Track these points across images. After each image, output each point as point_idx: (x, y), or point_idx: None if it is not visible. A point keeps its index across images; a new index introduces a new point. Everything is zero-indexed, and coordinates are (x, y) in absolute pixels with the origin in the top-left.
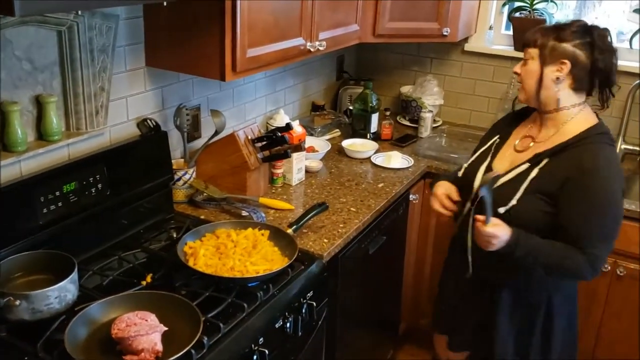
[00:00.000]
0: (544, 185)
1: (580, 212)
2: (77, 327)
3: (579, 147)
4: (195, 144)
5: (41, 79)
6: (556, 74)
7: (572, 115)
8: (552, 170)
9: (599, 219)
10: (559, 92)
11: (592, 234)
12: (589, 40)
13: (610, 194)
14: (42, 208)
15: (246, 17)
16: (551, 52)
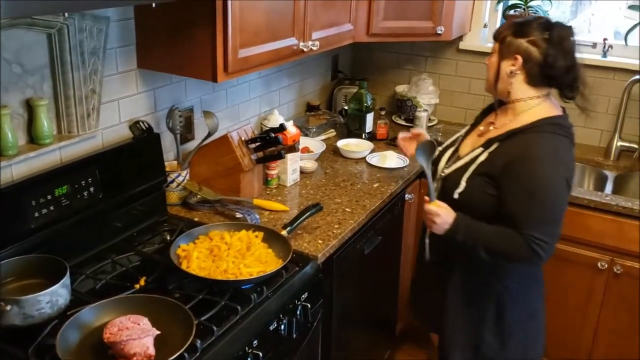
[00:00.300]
0: (489, 168)
1: (516, 196)
2: (69, 331)
3: (527, 134)
4: (189, 146)
5: (31, 82)
6: (510, 67)
7: (531, 106)
8: (498, 154)
9: (535, 203)
10: (511, 85)
11: (529, 217)
12: (546, 37)
13: (546, 180)
14: (33, 212)
15: (237, 18)
16: (508, 47)
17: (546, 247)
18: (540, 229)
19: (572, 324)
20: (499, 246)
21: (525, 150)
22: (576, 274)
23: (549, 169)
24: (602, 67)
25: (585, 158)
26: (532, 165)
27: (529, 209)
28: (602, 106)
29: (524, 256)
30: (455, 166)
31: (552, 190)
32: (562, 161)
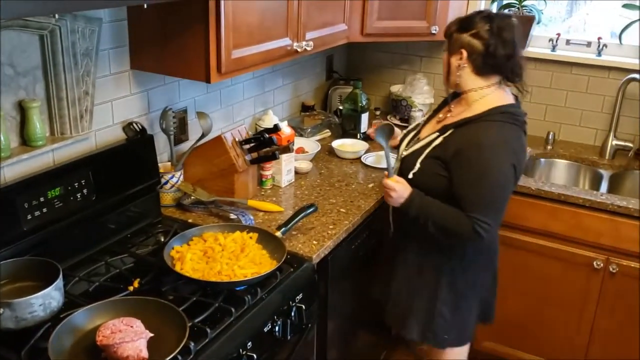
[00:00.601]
0: (441, 152)
1: (465, 180)
2: (62, 335)
3: (478, 122)
4: (183, 147)
5: (24, 84)
6: (458, 61)
7: (482, 95)
8: (451, 139)
9: (482, 188)
10: (460, 77)
11: (475, 199)
12: (486, 29)
13: (494, 167)
14: (26, 214)
15: (230, 18)
16: (454, 43)
17: (488, 229)
18: (485, 212)
19: (568, 323)
20: (446, 223)
21: (475, 138)
22: (572, 274)
23: (497, 156)
24: (596, 66)
25: (580, 157)
26: (481, 152)
27: (475, 193)
28: (596, 105)
29: (466, 236)
30: (413, 148)
31: (498, 177)
32: (510, 149)
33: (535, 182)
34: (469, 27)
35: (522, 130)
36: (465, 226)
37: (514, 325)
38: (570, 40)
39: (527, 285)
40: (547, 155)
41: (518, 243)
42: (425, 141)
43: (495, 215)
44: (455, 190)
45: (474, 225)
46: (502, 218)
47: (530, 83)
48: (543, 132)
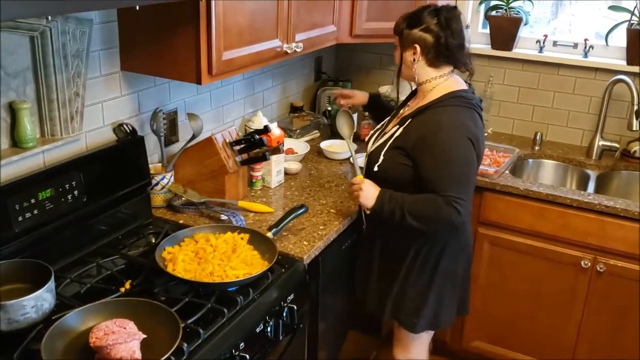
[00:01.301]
0: (402, 141)
1: (431, 163)
2: (54, 336)
3: (434, 109)
4: (173, 148)
5: (14, 85)
6: (412, 56)
7: (435, 85)
8: (410, 129)
9: (448, 166)
10: (415, 71)
11: (444, 179)
12: (435, 22)
13: (454, 145)
14: (17, 216)
15: (221, 20)
16: (405, 39)
17: (463, 203)
18: (456, 188)
19: (556, 323)
20: (423, 210)
21: (432, 122)
22: (560, 273)
23: (455, 134)
24: (583, 67)
25: (568, 157)
26: (440, 134)
27: (443, 173)
28: (583, 106)
29: (445, 215)
30: (377, 143)
31: (460, 153)
32: (465, 126)
33: (524, 182)
34: (418, 22)
35: (476, 112)
36: (442, 206)
37: (502, 324)
38: (557, 42)
39: (515, 285)
40: (535, 156)
41: (506, 243)
42: (387, 135)
43: (465, 189)
44: (423, 175)
45: (450, 202)
46: (472, 192)
47: (517, 84)
48: (530, 132)
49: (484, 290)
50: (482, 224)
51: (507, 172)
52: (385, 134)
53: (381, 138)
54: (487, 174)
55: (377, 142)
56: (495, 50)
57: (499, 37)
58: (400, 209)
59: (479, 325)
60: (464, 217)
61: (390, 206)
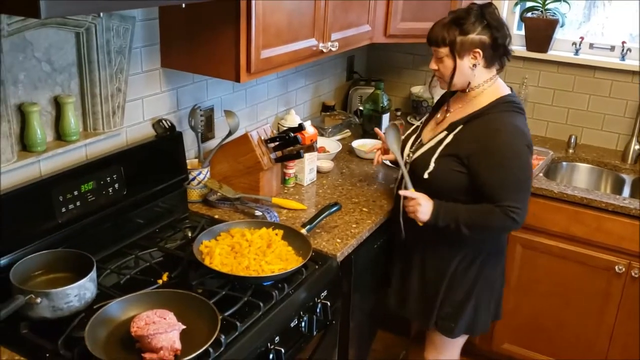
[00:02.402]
0: (455, 148)
1: (490, 170)
2: (97, 325)
3: (488, 115)
4: (209, 145)
5: (60, 80)
6: (472, 61)
7: (483, 89)
8: (463, 135)
9: (506, 173)
10: (473, 77)
11: (503, 187)
12: (486, 23)
13: (514, 152)
14: (60, 207)
15: (261, 19)
16: (462, 47)
17: (520, 212)
18: (514, 197)
19: (587, 328)
20: (479, 221)
21: (491, 130)
22: (593, 277)
23: (514, 141)
24: (620, 70)
25: (603, 161)
26: (499, 141)
27: (503, 181)
28: (619, 109)
29: (502, 225)
30: (422, 150)
31: (520, 160)
32: (522, 132)
33: (558, 185)
34: (470, 28)
35: (524, 116)
36: (499, 216)
37: (533, 327)
38: (593, 44)
39: (547, 288)
40: (569, 159)
41: (539, 246)
42: (434, 141)
43: (524, 197)
44: (481, 183)
45: (507, 213)
46: (529, 199)
47: (552, 86)
48: (564, 135)
49: (514, 293)
50: None
51: (541, 175)
52: (429, 141)
53: (424, 146)
54: None
55: (419, 149)
56: (530, 51)
57: (535, 38)
58: (455, 222)
59: (509, 328)
60: (520, 225)
61: (445, 220)
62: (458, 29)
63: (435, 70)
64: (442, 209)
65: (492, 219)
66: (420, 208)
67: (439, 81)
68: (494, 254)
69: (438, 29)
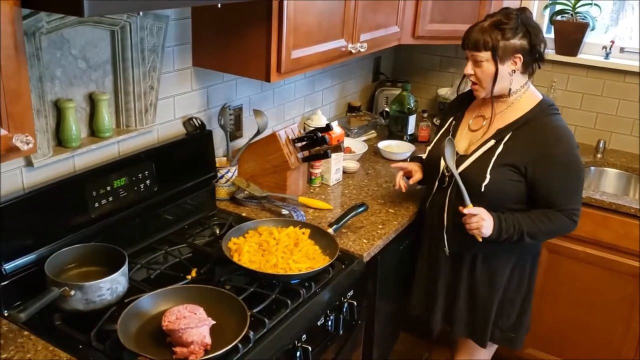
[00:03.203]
0: (509, 157)
1: (551, 177)
2: (129, 318)
3: (537, 120)
4: (237, 143)
5: (94, 77)
6: (512, 67)
7: (520, 94)
8: (515, 143)
9: (570, 178)
10: (512, 82)
11: (567, 192)
12: (525, 29)
13: (572, 155)
14: (93, 202)
15: (292, 19)
16: (504, 52)
17: (579, 214)
18: (575, 198)
19: (613, 334)
20: (544, 228)
21: (547, 135)
22: (619, 283)
23: (571, 145)
24: None
25: (631, 167)
26: (559, 147)
27: (567, 186)
28: None
29: (566, 229)
30: (470, 161)
31: (578, 164)
32: (571, 133)
33: (585, 190)
34: (512, 33)
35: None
36: (564, 221)
37: (557, 333)
38: (624, 48)
39: (572, 293)
40: (597, 164)
41: (565, 251)
42: (481, 151)
43: (581, 199)
44: (542, 189)
45: (571, 217)
46: None
47: (580, 90)
48: (592, 140)
49: (539, 298)
50: None
51: None
52: (475, 152)
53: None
54: None
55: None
56: (560, 55)
57: (564, 42)
58: (519, 233)
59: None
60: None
61: (508, 232)
62: (500, 33)
63: (470, 75)
64: (503, 222)
65: (557, 224)
66: (485, 223)
67: (474, 88)
68: (537, 254)
69: (478, 33)
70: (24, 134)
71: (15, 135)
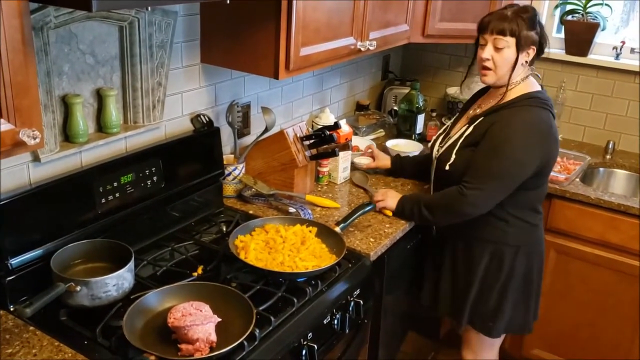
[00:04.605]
0: (473, 138)
1: (481, 151)
2: (135, 314)
3: (508, 109)
4: (244, 140)
5: (102, 73)
6: (525, 58)
7: (514, 85)
8: (481, 125)
9: (486, 157)
10: (519, 72)
11: (474, 167)
12: (539, 25)
13: (512, 141)
14: (100, 198)
15: (301, 16)
16: (525, 41)
17: (474, 192)
18: (482, 180)
19: (621, 336)
20: (436, 201)
21: (504, 119)
22: (628, 285)
23: (520, 134)
24: None
25: None
26: (506, 129)
27: (480, 162)
28: None
29: (454, 203)
30: (446, 145)
31: (516, 152)
32: (538, 130)
33: (594, 191)
34: (533, 24)
35: (551, 114)
36: (452, 193)
37: (564, 334)
38: (634, 49)
39: (580, 295)
40: (606, 165)
41: (573, 252)
42: (457, 135)
43: (488, 182)
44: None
45: (460, 190)
46: (503, 195)
47: (590, 91)
48: (602, 141)
49: (546, 298)
50: (549, 232)
51: (578, 180)
52: (454, 136)
53: (448, 140)
54: (558, 181)
55: (445, 143)
56: (570, 55)
57: (574, 42)
58: (417, 205)
59: (540, 333)
60: (475, 208)
61: (410, 205)
62: (524, 23)
63: (486, 60)
64: (406, 197)
65: (447, 196)
66: (388, 201)
67: (485, 72)
68: (525, 251)
69: (503, 18)
70: (31, 129)
71: (23, 130)
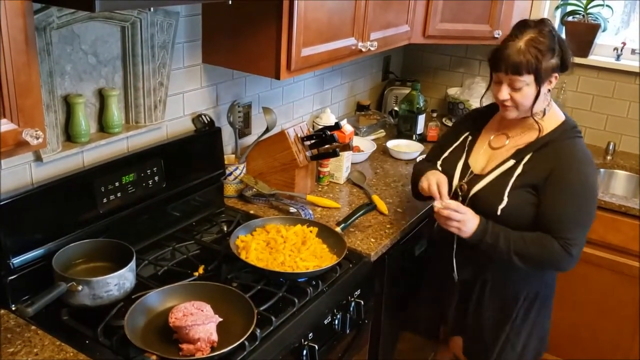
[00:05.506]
0: (529, 179)
1: (559, 200)
2: (136, 314)
3: (560, 142)
4: (246, 141)
5: (104, 73)
6: (548, 87)
7: (543, 112)
8: (535, 164)
9: (578, 205)
10: (546, 101)
11: (568, 220)
12: (558, 47)
13: (586, 182)
14: (102, 198)
15: (302, 17)
16: (545, 73)
17: (579, 249)
18: (577, 230)
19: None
20: (534, 250)
21: (567, 157)
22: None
23: (589, 172)
24: None
25: None
26: (576, 170)
27: (570, 213)
28: None
29: (556, 259)
30: (486, 181)
31: (593, 193)
32: (591, 160)
33: None
34: (550, 53)
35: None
36: (557, 250)
37: (565, 335)
38: (635, 50)
39: (581, 296)
40: (607, 166)
41: None
42: (499, 171)
43: (584, 234)
44: (546, 211)
45: (566, 247)
46: None
47: (591, 92)
48: (602, 142)
49: None
50: None
51: None
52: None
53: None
54: None
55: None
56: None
57: (575, 43)
58: (506, 244)
59: None
60: (573, 265)
61: (492, 238)
62: (540, 53)
63: (505, 100)
64: (489, 225)
65: (549, 251)
66: (460, 216)
67: (507, 109)
68: (551, 295)
69: (517, 55)
70: (33, 129)
71: (25, 129)
